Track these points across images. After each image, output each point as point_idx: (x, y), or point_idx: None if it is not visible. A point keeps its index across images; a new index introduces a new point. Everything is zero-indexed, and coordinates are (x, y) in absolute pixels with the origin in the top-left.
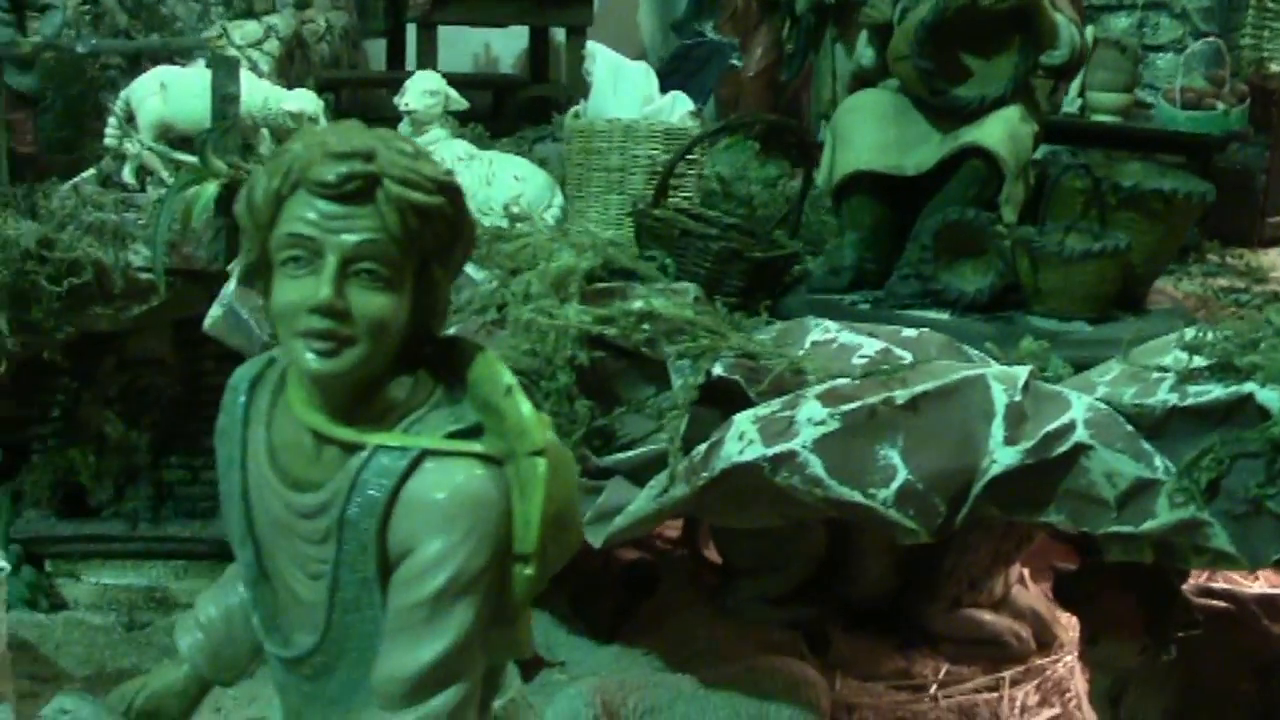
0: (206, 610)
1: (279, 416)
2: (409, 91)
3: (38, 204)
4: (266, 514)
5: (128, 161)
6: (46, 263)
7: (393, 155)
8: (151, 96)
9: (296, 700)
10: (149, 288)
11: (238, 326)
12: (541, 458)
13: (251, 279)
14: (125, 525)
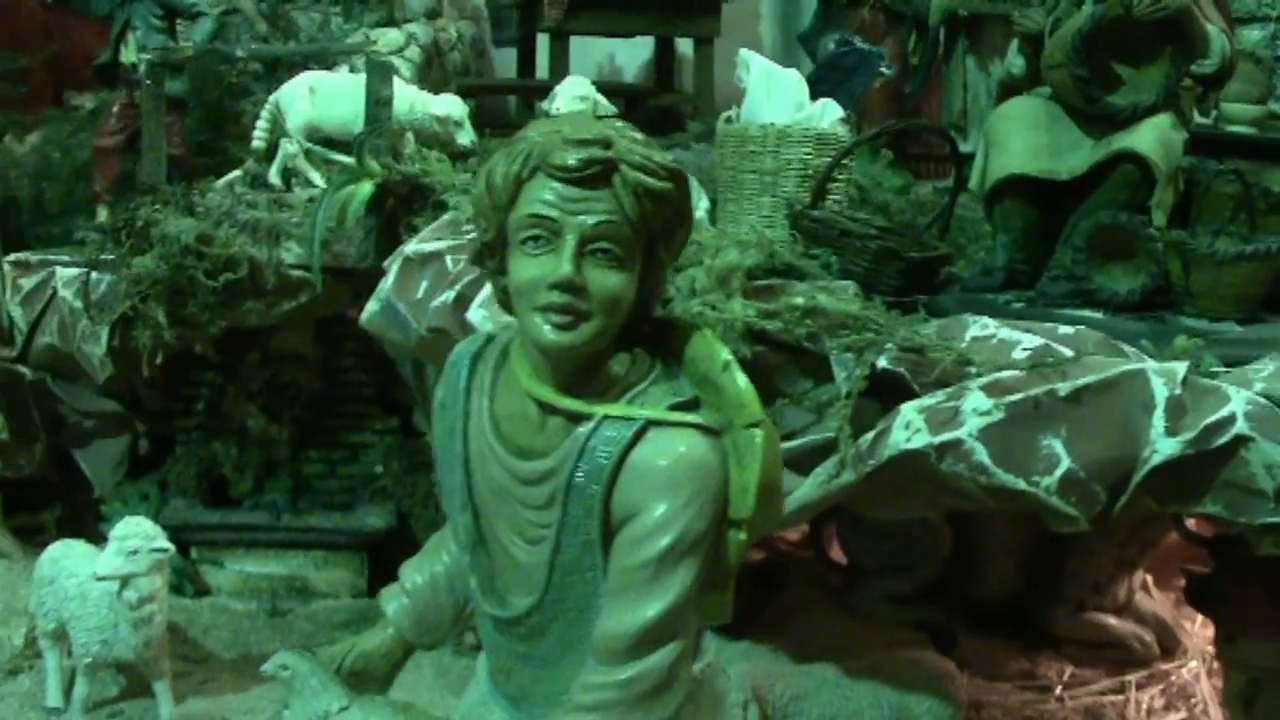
0: (412, 577)
1: (502, 389)
2: (560, 96)
3: (194, 202)
4: (488, 481)
5: (275, 162)
6: (204, 258)
7: (627, 143)
8: (300, 100)
9: (507, 660)
10: (300, 284)
11: (394, 321)
12: (759, 429)
13: (483, 258)
14: (268, 515)
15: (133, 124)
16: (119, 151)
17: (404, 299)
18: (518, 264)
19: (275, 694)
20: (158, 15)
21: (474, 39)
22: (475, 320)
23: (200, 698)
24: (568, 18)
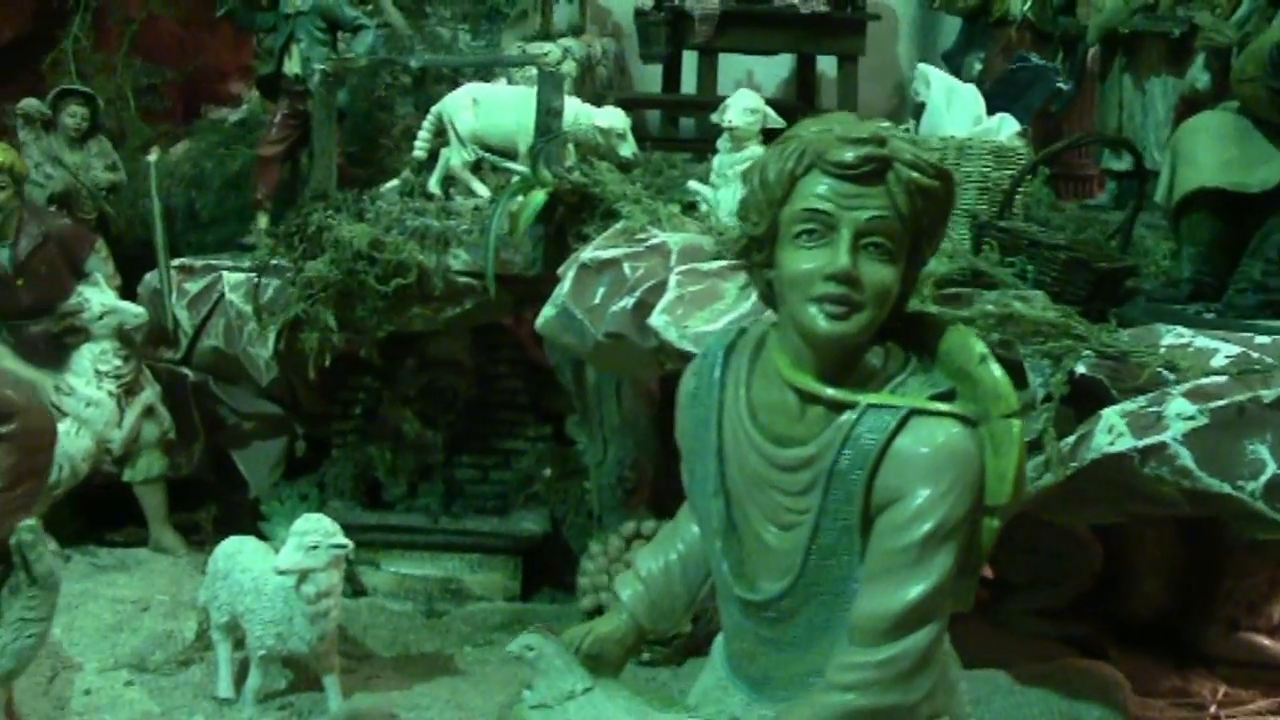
0: (647, 565)
1: (758, 379)
2: (731, 109)
3: (365, 209)
4: (742, 468)
5: (435, 172)
6: (375, 263)
7: (899, 142)
8: (465, 111)
9: (751, 644)
10: (465, 291)
11: (570, 326)
12: (1016, 419)
13: (749, 252)
14: (425, 518)
15: (293, 133)
16: (280, 160)
17: (580, 305)
18: (791, 257)
19: (439, 691)
20: (321, 29)
21: (616, 55)
22: (658, 325)
23: (366, 693)
24: (716, 34)
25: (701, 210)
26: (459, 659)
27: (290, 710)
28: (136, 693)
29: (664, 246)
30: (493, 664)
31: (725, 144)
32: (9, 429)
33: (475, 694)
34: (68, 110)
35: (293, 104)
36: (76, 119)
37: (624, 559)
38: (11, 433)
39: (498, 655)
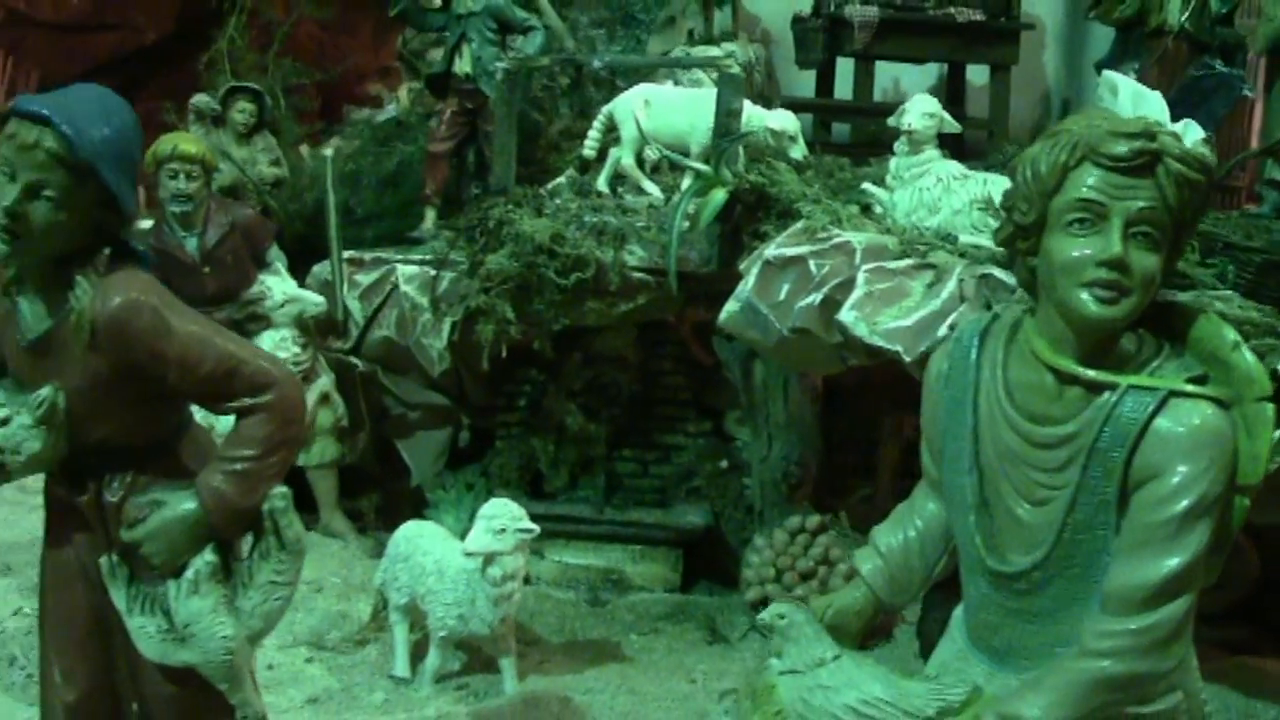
0: (886, 540)
1: (1014, 361)
2: (910, 113)
3: (543, 205)
4: (997, 446)
5: (604, 170)
6: (555, 257)
7: (1166, 136)
8: (636, 111)
9: (996, 615)
10: (639, 286)
11: (755, 321)
12: (1270, 403)
13: (1014, 240)
14: (591, 509)
15: (462, 131)
16: (448, 157)
17: (765, 300)
18: (1062, 244)
19: (609, 677)
20: (492, 29)
21: (765, 61)
22: (847, 321)
23: (539, 676)
24: (874, 41)
25: (876, 212)
26: (625, 646)
27: (466, 691)
28: (317, 669)
29: (848, 245)
30: (659, 651)
31: (902, 147)
32: (265, 399)
33: (644, 679)
34: (237, 106)
35: (461, 102)
36: (245, 115)
37: (789, 552)
38: (268, 403)
39: (664, 643)
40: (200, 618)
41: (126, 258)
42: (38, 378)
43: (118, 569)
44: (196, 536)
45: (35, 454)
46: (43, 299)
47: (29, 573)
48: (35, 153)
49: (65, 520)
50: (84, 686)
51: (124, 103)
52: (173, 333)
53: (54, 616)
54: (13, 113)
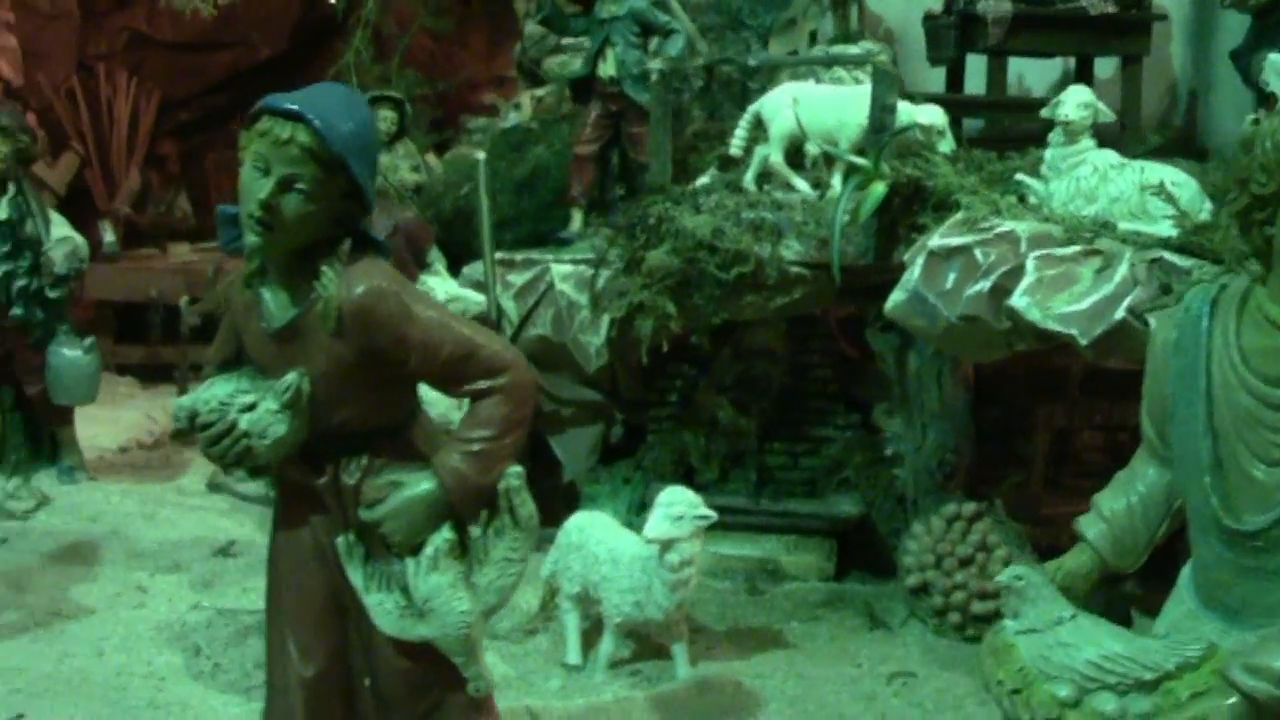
0: (1110, 505)
1: (1247, 327)
2: (1067, 104)
3: (700, 202)
4: (1232, 409)
5: (751, 168)
6: (716, 253)
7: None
8: (785, 109)
9: (1230, 574)
10: (796, 280)
11: (921, 309)
12: None
13: (1250, 210)
14: (747, 499)
15: (606, 133)
16: (594, 159)
17: (932, 289)
18: None
19: (776, 663)
20: (635, 33)
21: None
22: (1019, 307)
23: (708, 662)
24: (1007, 36)
25: (1030, 202)
26: (788, 633)
27: (640, 677)
28: (491, 657)
29: (1012, 234)
30: (821, 638)
31: (1058, 138)
32: (501, 381)
33: (811, 665)
34: (379, 115)
35: (605, 105)
36: (386, 123)
37: (947, 539)
38: (504, 385)
39: (826, 630)
40: (439, 593)
41: (367, 247)
42: (281, 365)
43: (354, 548)
44: (435, 515)
45: (280, 438)
46: (286, 289)
47: (197, 569)
48: (289, 147)
49: (300, 502)
50: (321, 663)
51: (363, 100)
52: (415, 318)
53: (290, 596)
54: (265, 110)
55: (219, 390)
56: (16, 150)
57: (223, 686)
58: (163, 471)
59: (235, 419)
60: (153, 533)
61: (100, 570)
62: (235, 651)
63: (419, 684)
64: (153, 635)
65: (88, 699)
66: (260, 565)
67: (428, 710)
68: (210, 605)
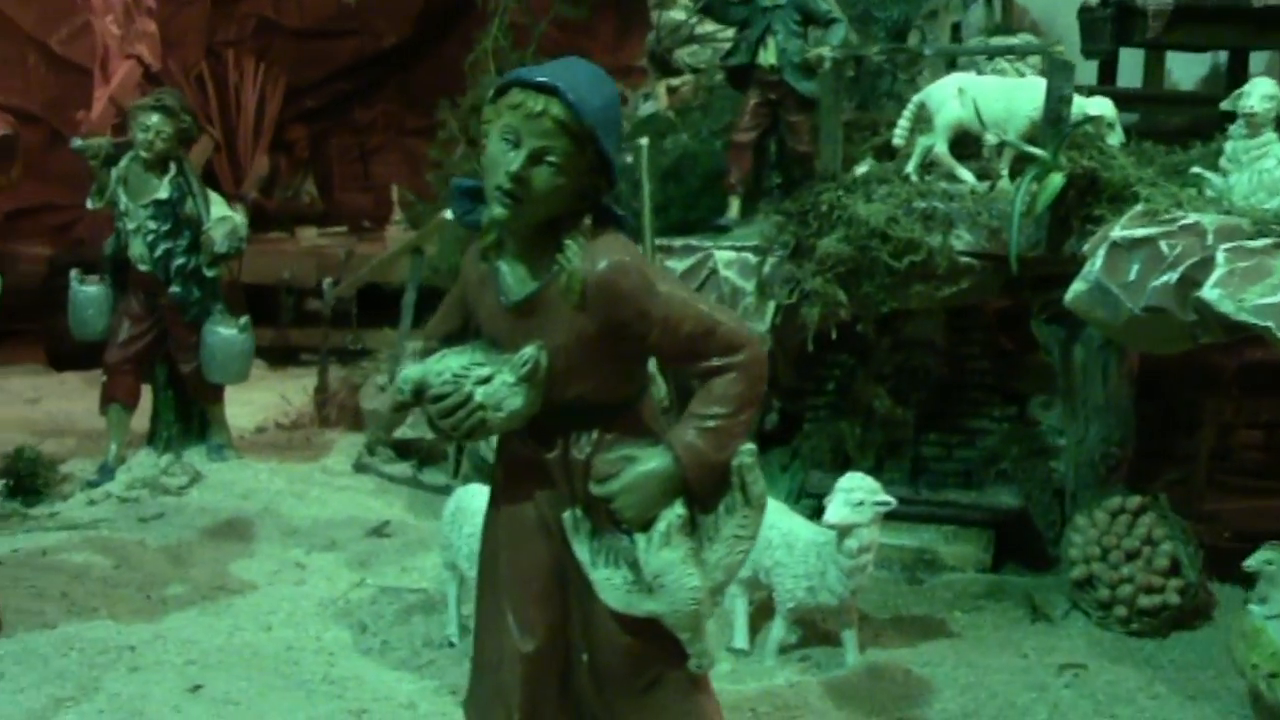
0: None
1: None
2: (1252, 95)
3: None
4: None
5: (914, 158)
6: (888, 241)
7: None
8: (951, 100)
9: None
10: (964, 270)
11: (1103, 301)
12: None
13: None
14: (907, 489)
15: (764, 121)
16: (751, 147)
17: (1115, 280)
18: None
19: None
20: (796, 21)
21: None
22: (1211, 299)
23: (875, 649)
24: (1165, 29)
25: (1208, 195)
26: (950, 622)
27: (809, 662)
28: None
29: (1198, 226)
30: (985, 628)
31: (1240, 130)
32: (738, 359)
33: (977, 653)
34: None
35: (764, 93)
36: None
37: (1112, 532)
38: (740, 363)
39: (989, 620)
40: (671, 569)
41: (609, 221)
42: (518, 338)
43: (581, 523)
44: (668, 490)
45: (516, 410)
46: (525, 262)
47: (352, 548)
48: (542, 120)
49: (524, 477)
50: (541, 638)
51: (608, 75)
52: (657, 294)
53: (511, 571)
54: (515, 83)
55: (452, 362)
56: (179, 130)
57: (393, 663)
58: (305, 452)
59: (471, 391)
60: (304, 511)
61: (257, 547)
62: (401, 629)
63: (638, 659)
64: (317, 611)
65: (260, 671)
66: (415, 546)
67: (646, 686)
68: (373, 583)
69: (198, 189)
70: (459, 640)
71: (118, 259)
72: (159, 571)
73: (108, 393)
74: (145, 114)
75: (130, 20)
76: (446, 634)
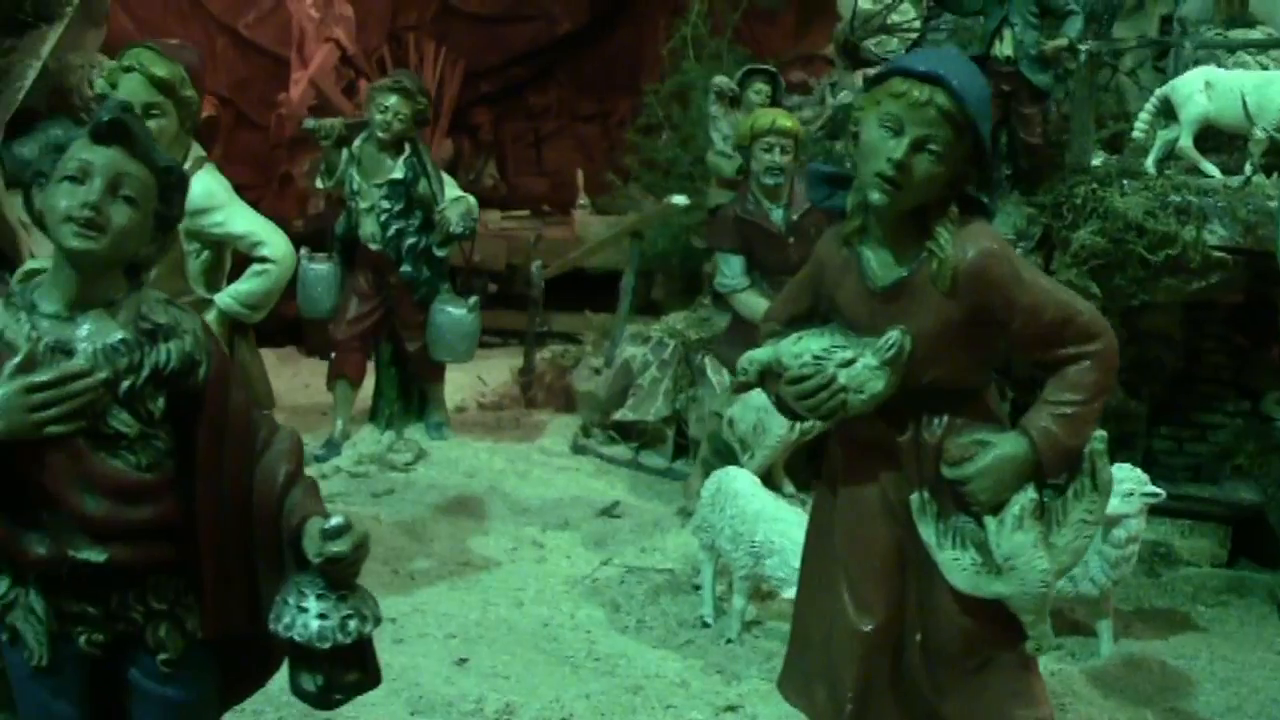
0: None
1: None
2: None
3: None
4: None
5: (1153, 152)
6: (1144, 234)
7: None
8: (1197, 94)
9: None
10: (1215, 265)
11: None
12: None
13: None
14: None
15: (996, 113)
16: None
17: None
18: None
19: (1193, 645)
20: (1034, 13)
21: None
22: None
23: (1127, 640)
24: None
25: None
26: (1196, 616)
27: (1063, 651)
28: None
29: None
30: (1231, 623)
31: None
32: (1095, 347)
33: (1229, 648)
34: (753, 88)
35: (998, 85)
36: (761, 96)
37: None
38: (1096, 351)
39: (1234, 615)
40: (1022, 552)
41: (974, 209)
42: (881, 322)
43: (928, 505)
44: (1022, 475)
45: (877, 393)
46: (889, 248)
47: (585, 527)
48: (927, 109)
49: (869, 459)
50: (880, 616)
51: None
52: (1024, 282)
53: (851, 550)
54: (898, 71)
55: (812, 344)
56: (416, 111)
57: (653, 642)
58: (515, 432)
59: (834, 373)
60: (529, 490)
61: (491, 524)
62: (653, 608)
63: (974, 640)
64: (566, 589)
65: (521, 647)
66: (650, 527)
67: (977, 666)
68: (619, 563)
69: (432, 170)
70: (713, 621)
71: (347, 238)
72: (400, 546)
73: (335, 369)
74: (384, 95)
75: (329, 4)
76: (701, 614)
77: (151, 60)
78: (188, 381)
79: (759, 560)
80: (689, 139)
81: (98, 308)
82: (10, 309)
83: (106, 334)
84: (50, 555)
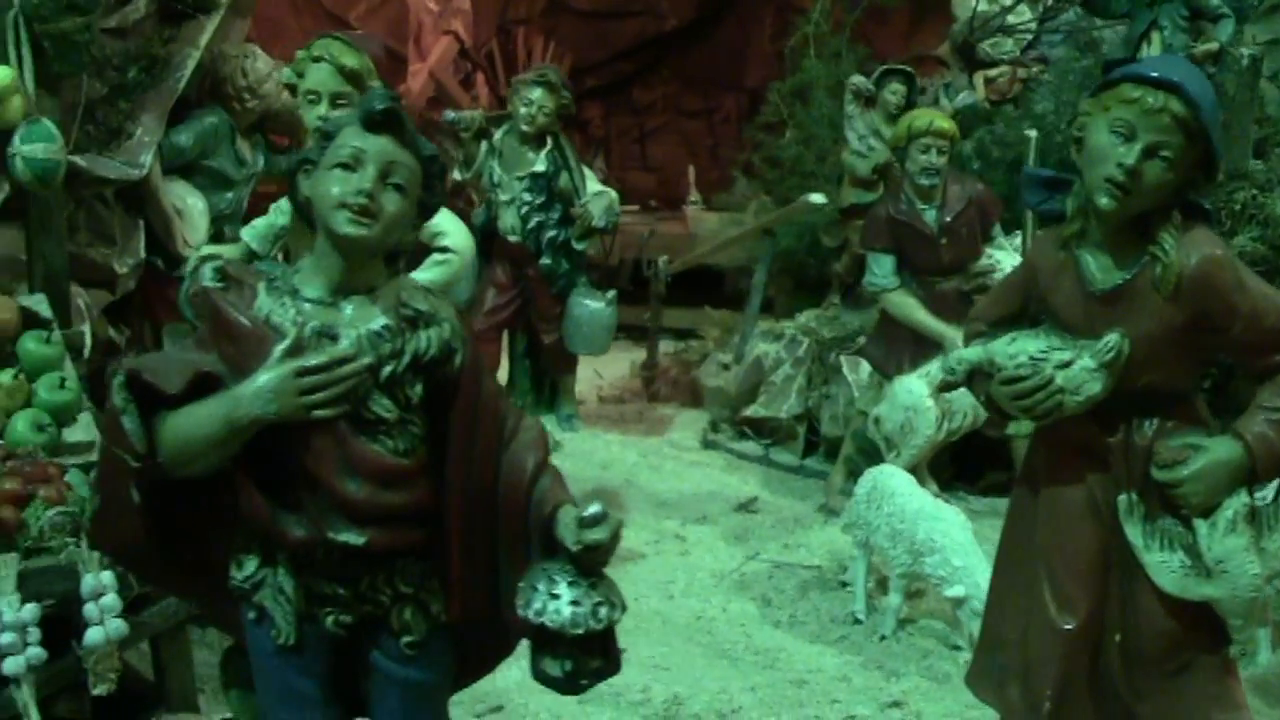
0: None
1: None
2: None
3: None
4: None
5: None
6: None
7: None
8: None
9: None
10: None
11: None
12: None
13: None
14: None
15: None
16: None
17: None
18: None
19: None
20: (1184, 16)
21: None
22: None
23: None
24: None
25: None
26: None
27: None
28: None
29: None
30: None
31: None
32: None
33: None
34: (889, 88)
35: None
36: (897, 96)
37: None
38: None
39: None
40: (1234, 555)
41: (1196, 215)
42: (1098, 325)
43: (1136, 507)
44: (1235, 479)
45: (1093, 395)
46: (1110, 252)
47: (725, 522)
48: (1160, 116)
49: (1075, 459)
50: (1082, 616)
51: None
52: (1246, 288)
53: (1054, 550)
54: (1129, 77)
55: (1028, 345)
56: (560, 105)
57: (809, 637)
58: (640, 425)
59: (1051, 374)
60: (664, 484)
61: (631, 516)
62: (804, 604)
63: (1176, 642)
64: (714, 583)
65: (678, 639)
66: (790, 523)
67: (1177, 669)
68: (766, 558)
69: (574, 164)
70: (865, 618)
71: (486, 229)
72: None
73: None
74: (528, 88)
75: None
76: (853, 610)
77: (341, 51)
78: (444, 369)
79: (918, 558)
80: (811, 137)
81: (360, 294)
82: (274, 293)
83: (369, 320)
84: (309, 537)
